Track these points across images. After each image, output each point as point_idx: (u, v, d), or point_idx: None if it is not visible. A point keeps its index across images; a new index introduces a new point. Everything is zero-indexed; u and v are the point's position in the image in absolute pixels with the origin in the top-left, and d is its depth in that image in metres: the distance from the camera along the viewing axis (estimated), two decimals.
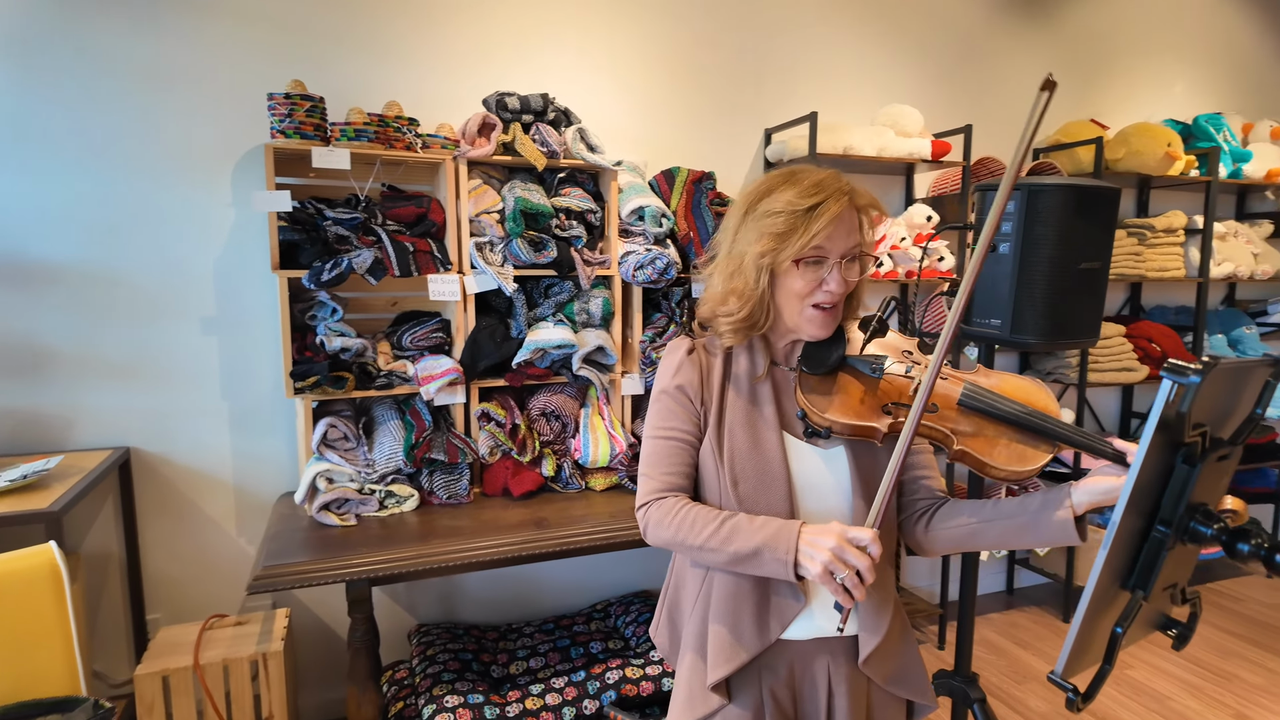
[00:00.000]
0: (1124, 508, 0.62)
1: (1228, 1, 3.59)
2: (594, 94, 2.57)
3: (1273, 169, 3.37)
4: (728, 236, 1.15)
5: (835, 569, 0.95)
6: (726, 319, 1.12)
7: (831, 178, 1.09)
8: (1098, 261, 1.58)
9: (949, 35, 3.05)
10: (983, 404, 1.06)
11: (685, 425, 1.14)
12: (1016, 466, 1.01)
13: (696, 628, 1.17)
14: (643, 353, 2.40)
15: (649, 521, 1.13)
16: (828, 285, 1.08)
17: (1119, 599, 0.70)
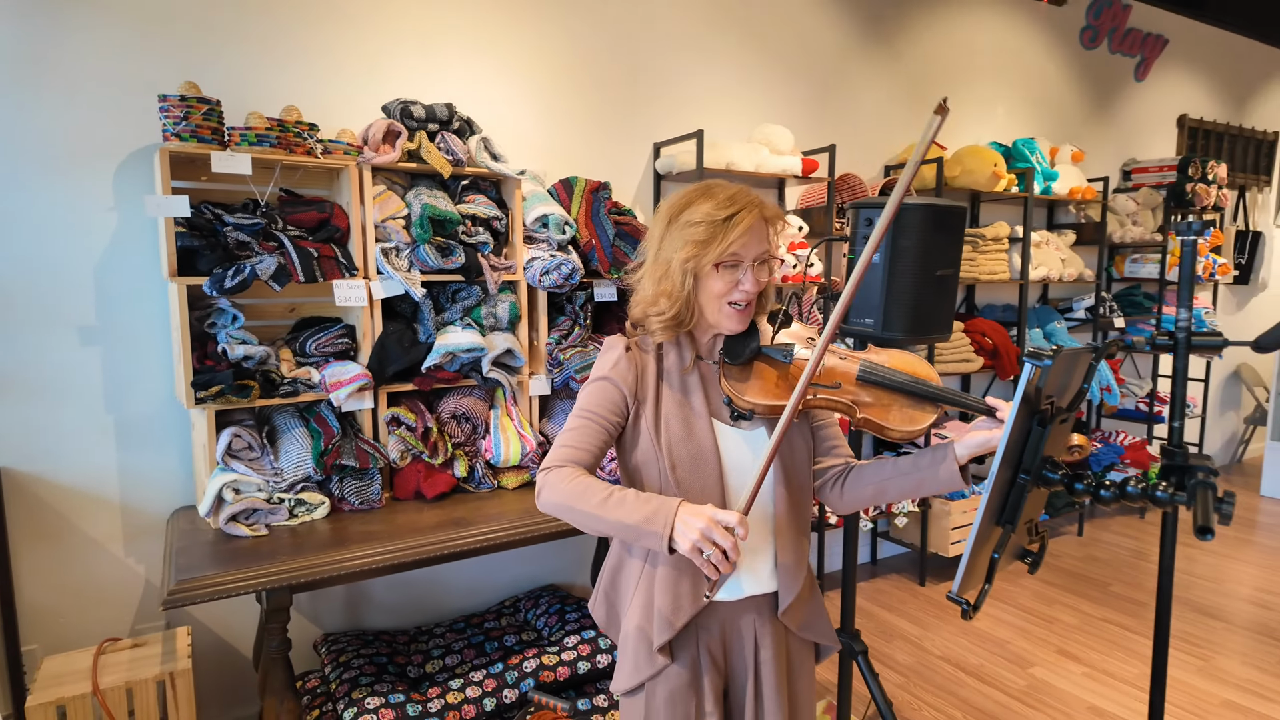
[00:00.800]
0: (999, 463, 0.82)
1: (1034, 41, 4.18)
2: (494, 103, 2.64)
3: (1074, 187, 3.97)
4: (653, 244, 1.27)
5: (703, 546, 1.05)
6: (658, 318, 1.24)
7: (743, 192, 1.24)
8: (950, 269, 1.86)
9: (814, 62, 3.37)
10: (877, 377, 1.24)
11: (607, 411, 1.24)
12: (910, 427, 1.20)
13: (642, 599, 1.28)
14: (549, 354, 2.50)
15: (545, 485, 1.18)
16: (743, 286, 1.21)
17: (994, 533, 0.91)
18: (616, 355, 1.28)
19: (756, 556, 1.29)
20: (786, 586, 1.30)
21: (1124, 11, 4.49)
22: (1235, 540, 4.19)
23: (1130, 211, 4.38)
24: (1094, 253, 4.46)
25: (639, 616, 1.28)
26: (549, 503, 1.18)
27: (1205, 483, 0.73)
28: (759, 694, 1.31)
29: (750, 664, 1.31)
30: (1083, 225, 4.28)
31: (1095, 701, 2.61)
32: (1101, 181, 4.14)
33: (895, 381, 1.22)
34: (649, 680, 1.27)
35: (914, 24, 3.68)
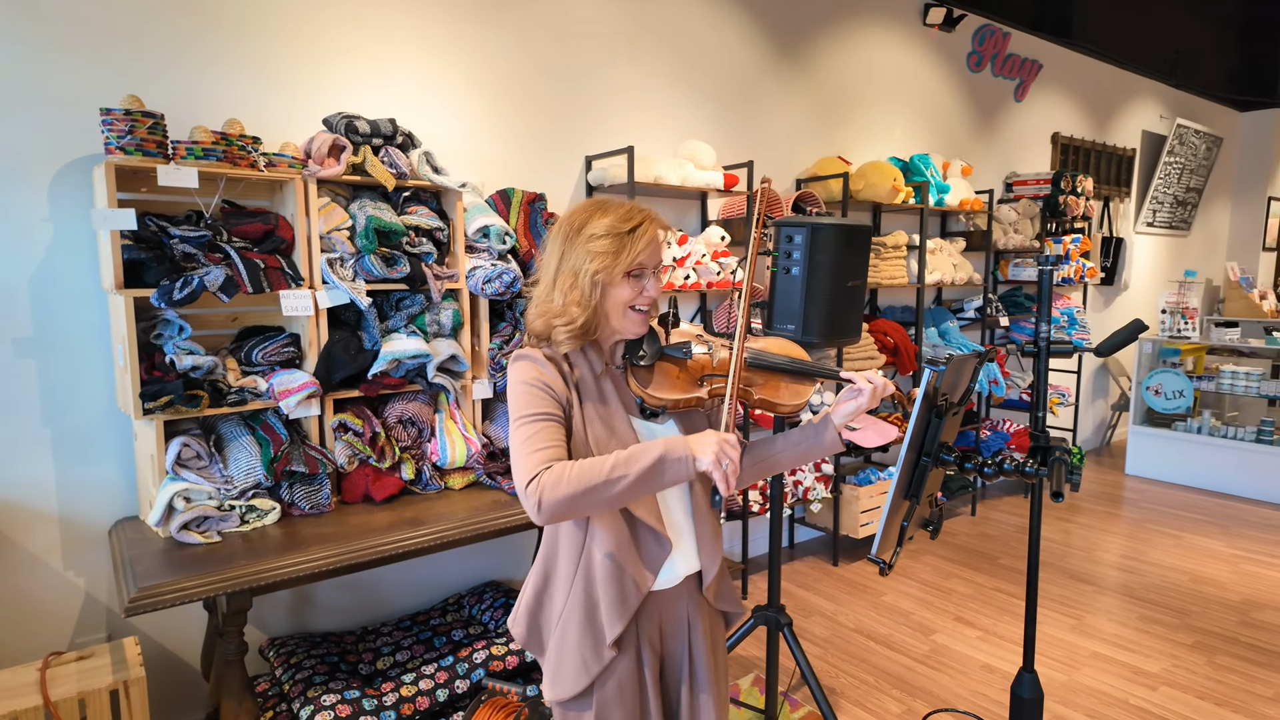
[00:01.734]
0: (906, 448, 1.03)
1: (927, 64, 4.56)
2: (433, 116, 2.73)
3: (964, 199, 4.37)
4: (553, 260, 1.32)
5: (721, 457, 1.14)
6: (566, 328, 1.27)
7: (636, 207, 1.33)
8: (859, 280, 2.11)
9: (732, 81, 3.60)
10: (763, 361, 1.41)
11: (553, 408, 1.27)
12: (797, 401, 1.37)
13: (579, 603, 1.33)
14: (491, 359, 2.62)
15: (543, 489, 1.16)
16: (647, 292, 1.30)
17: (903, 506, 1.11)
18: (535, 361, 1.30)
19: (682, 538, 1.39)
20: (709, 563, 1.40)
21: (1004, 39, 4.95)
22: (1104, 515, 4.71)
23: (1012, 220, 4.84)
24: (981, 258, 4.91)
25: (579, 619, 1.32)
26: (556, 502, 1.16)
27: (1060, 459, 0.96)
28: (693, 670, 1.43)
29: (685, 644, 1.42)
30: (971, 233, 4.70)
31: (988, 661, 2.94)
32: (987, 193, 4.57)
33: (778, 363, 1.39)
34: (599, 677, 1.32)
35: (821, 47, 3.97)
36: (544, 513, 1.16)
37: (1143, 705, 2.63)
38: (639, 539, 1.34)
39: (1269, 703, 2.65)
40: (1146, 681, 2.78)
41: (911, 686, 2.76)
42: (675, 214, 3.45)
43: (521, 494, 1.18)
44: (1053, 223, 5.04)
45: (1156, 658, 2.95)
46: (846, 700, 2.67)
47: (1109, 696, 2.69)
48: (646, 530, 1.33)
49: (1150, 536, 4.31)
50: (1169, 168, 6.69)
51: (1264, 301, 7.00)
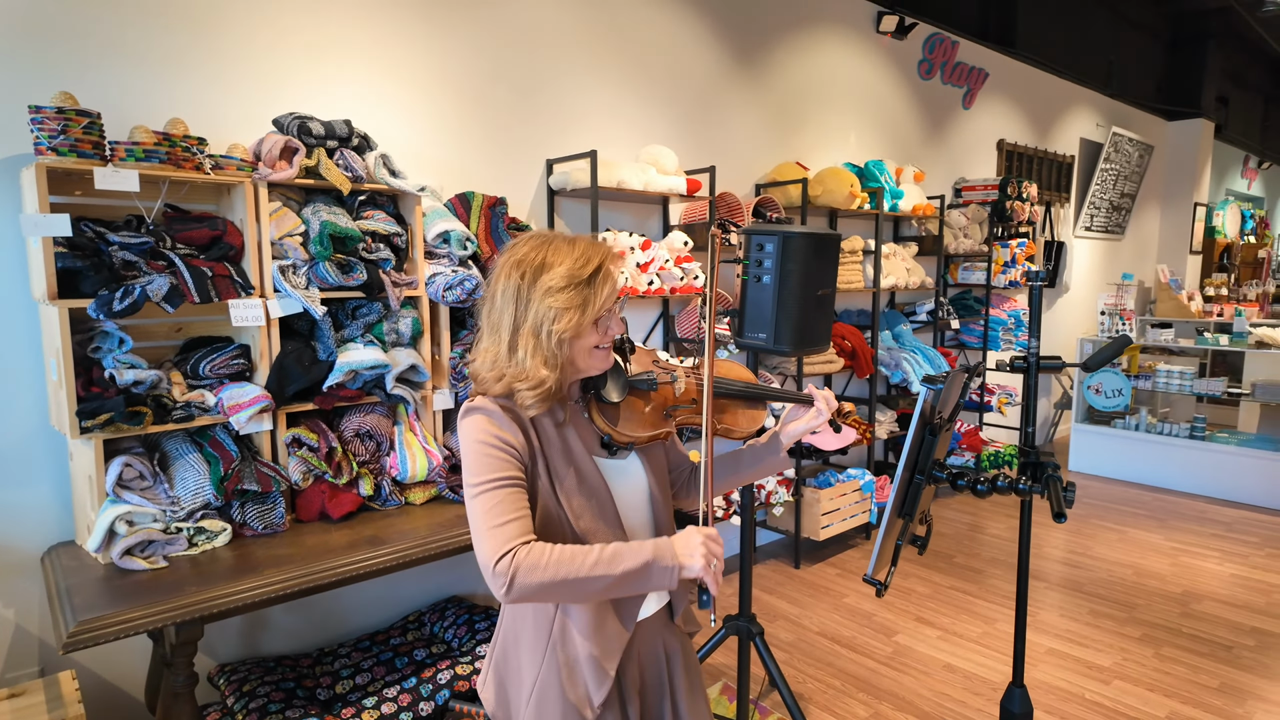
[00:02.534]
0: (902, 467, 1.01)
1: (880, 72, 4.63)
2: (389, 118, 2.64)
3: (917, 204, 4.45)
4: (506, 314, 1.19)
5: (710, 559, 1.11)
6: (534, 391, 1.17)
7: (590, 243, 1.23)
8: (829, 289, 2.10)
9: (692, 87, 3.58)
10: (723, 390, 1.39)
11: (514, 470, 1.17)
12: (753, 427, 1.38)
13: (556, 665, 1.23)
14: (453, 368, 2.54)
15: (517, 570, 1.08)
16: (613, 332, 1.24)
17: (897, 525, 1.10)
18: (492, 416, 1.19)
19: None
20: (679, 593, 1.36)
21: (953, 47, 5.07)
22: (1049, 510, 4.86)
23: (961, 226, 4.96)
24: (933, 262, 5.01)
25: (557, 683, 1.23)
26: (528, 588, 1.08)
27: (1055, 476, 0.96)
28: (674, 700, 1.38)
29: (664, 675, 1.37)
30: (923, 238, 4.80)
31: (949, 660, 2.98)
32: (938, 199, 4.66)
33: (735, 390, 1.39)
34: None
35: (778, 54, 3.99)
36: (513, 594, 1.08)
37: (1097, 699, 2.71)
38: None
39: (1214, 693, 2.75)
40: (1100, 676, 2.87)
41: (877, 689, 2.78)
42: (637, 219, 3.41)
43: (488, 571, 1.09)
44: (1000, 227, 5.18)
45: (1108, 652, 3.04)
46: (814, 706, 2.68)
47: (1065, 692, 2.76)
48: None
49: (1095, 532, 4.46)
50: (1105, 174, 6.95)
51: (1191, 302, 7.34)
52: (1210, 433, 5.31)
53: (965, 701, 2.70)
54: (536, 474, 1.21)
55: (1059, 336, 6.69)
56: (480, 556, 1.11)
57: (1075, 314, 6.90)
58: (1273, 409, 5.35)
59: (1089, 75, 6.46)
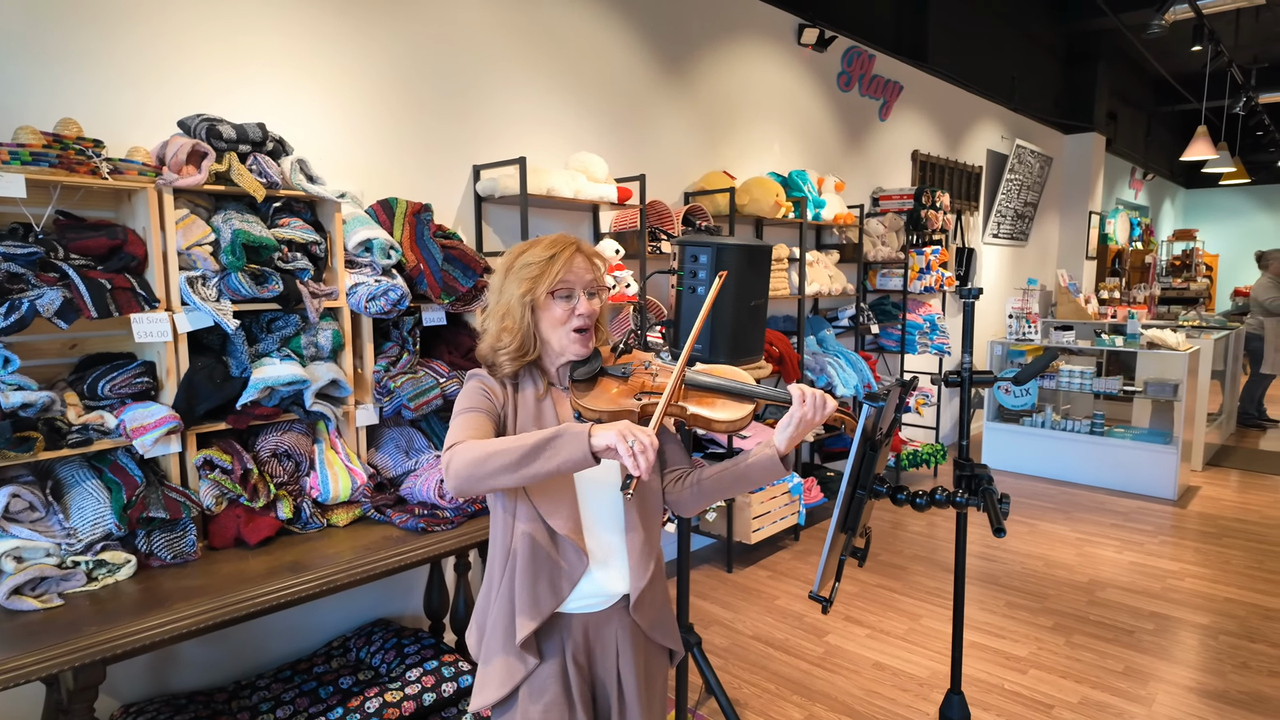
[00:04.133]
0: (845, 483, 1.02)
1: (802, 84, 4.74)
2: (306, 120, 2.52)
3: (838, 214, 4.57)
4: (495, 293, 1.47)
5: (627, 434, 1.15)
6: (504, 351, 1.42)
7: (563, 236, 1.48)
8: (762, 299, 2.13)
9: (622, 95, 3.57)
10: (701, 382, 1.43)
11: (488, 406, 1.40)
12: (732, 417, 1.37)
13: (503, 606, 1.40)
14: (377, 382, 2.44)
15: (452, 456, 1.26)
16: (579, 310, 1.42)
17: (840, 539, 1.11)
18: (483, 377, 1.46)
19: (613, 557, 1.42)
20: (637, 574, 1.42)
21: (870, 60, 5.24)
22: None
23: (880, 234, 5.12)
24: (854, 269, 5.16)
25: (503, 624, 1.40)
26: (460, 466, 1.23)
27: (990, 489, 0.98)
28: (623, 700, 1.43)
29: (614, 672, 1.43)
30: (844, 246, 4.93)
31: (877, 658, 3.07)
32: (858, 208, 4.81)
33: (714, 384, 1.42)
34: (522, 684, 1.37)
35: (705, 64, 4.02)
36: (450, 479, 1.26)
37: (1016, 689, 2.83)
38: (558, 548, 1.39)
39: (1120, 676, 2.92)
40: (1017, 666, 3.00)
41: (810, 691, 2.83)
42: (568, 226, 3.38)
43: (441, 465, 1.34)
44: (915, 235, 5.38)
45: (1023, 642, 3.19)
46: (750, 711, 2.70)
47: (986, 684, 2.87)
48: (565, 541, 1.37)
49: (1008, 526, 4.68)
50: (1010, 184, 7.33)
51: (1088, 305, 7.82)
52: (1108, 428, 5.67)
53: (894, 699, 2.78)
54: (505, 424, 1.41)
55: None
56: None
57: (986, 317, 7.24)
58: (1162, 405, 5.75)
59: (994, 90, 6.80)
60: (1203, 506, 5.05)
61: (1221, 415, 6.89)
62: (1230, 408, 7.09)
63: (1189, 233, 12.63)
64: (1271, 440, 6.96)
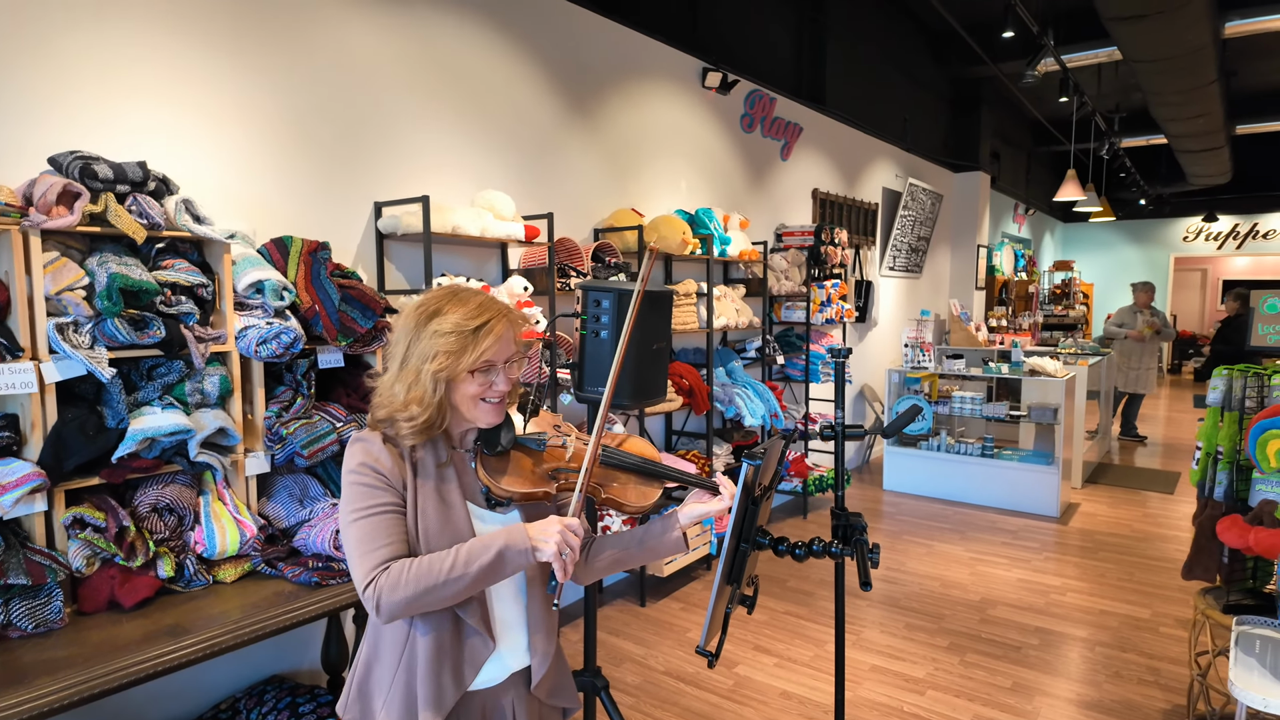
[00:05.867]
0: (729, 537, 1.05)
1: (707, 125, 4.90)
2: (193, 156, 2.42)
3: (743, 250, 4.72)
4: (400, 348, 1.29)
5: (563, 547, 1.17)
6: (408, 423, 1.26)
7: (490, 300, 1.32)
8: (664, 342, 2.17)
9: (530, 132, 3.60)
10: (615, 460, 1.41)
11: (389, 498, 1.25)
12: (643, 503, 1.39)
13: (401, 691, 1.29)
14: (268, 429, 2.34)
15: (382, 591, 1.16)
16: (497, 387, 1.30)
17: (726, 591, 1.14)
18: (373, 447, 1.28)
19: (511, 631, 1.36)
20: (539, 661, 1.38)
21: (771, 103, 5.47)
22: (868, 530, 5.27)
23: (783, 269, 5.32)
24: (759, 302, 5.33)
25: (399, 707, 1.29)
26: (394, 605, 1.16)
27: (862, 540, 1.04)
28: None
29: None
30: (750, 280, 5.09)
31: (785, 687, 3.13)
32: (762, 244, 4.98)
33: (630, 463, 1.40)
34: None
35: (612, 104, 4.11)
36: (383, 615, 1.16)
37: (915, 711, 2.94)
38: (463, 635, 1.30)
39: (1008, 693, 3.08)
40: (915, 687, 3.12)
41: None
42: (475, 263, 3.36)
43: (361, 596, 1.17)
44: (816, 269, 5.61)
45: (921, 663, 3.32)
46: None
47: (886, 707, 2.97)
48: (471, 629, 1.30)
49: (907, 547, 4.88)
50: (904, 220, 7.75)
51: (979, 332, 8.32)
52: (998, 450, 6.02)
53: None
54: (405, 507, 1.27)
55: (870, 367, 7.32)
56: (355, 585, 1.19)
57: (884, 346, 7.59)
58: (1044, 428, 6.15)
59: (889, 131, 7.20)
60: (1082, 523, 5.42)
61: (1098, 433, 7.43)
62: (1105, 426, 7.65)
63: (1067, 263, 13.65)
64: (1144, 456, 7.55)
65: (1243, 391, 2.59)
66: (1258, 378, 2.58)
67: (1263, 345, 2.65)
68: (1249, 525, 2.46)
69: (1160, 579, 4.29)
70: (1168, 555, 4.68)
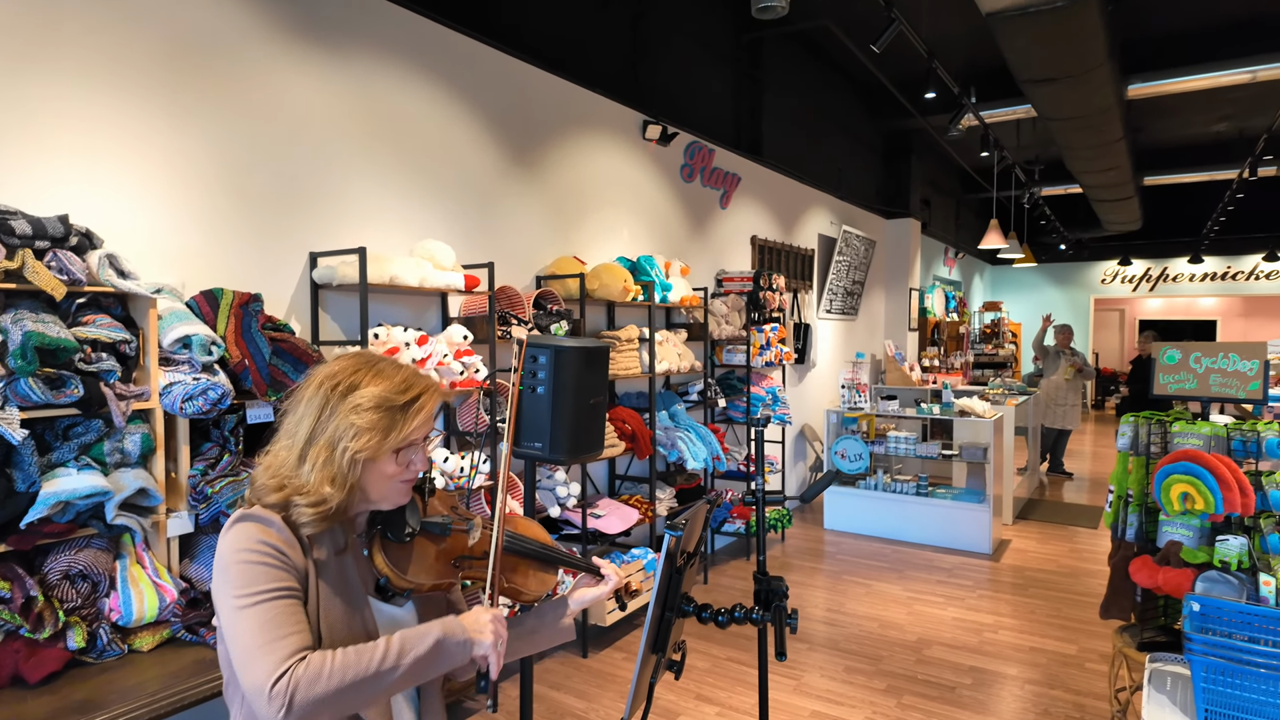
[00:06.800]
0: (652, 606, 1.07)
1: (648, 174, 5.02)
2: (118, 208, 2.37)
3: (684, 296, 4.81)
4: (305, 424, 1.15)
5: (498, 639, 1.12)
6: (315, 509, 1.11)
7: (415, 373, 1.22)
8: (601, 397, 2.20)
9: (470, 182, 3.63)
10: (518, 547, 1.36)
11: (291, 582, 1.09)
12: (543, 590, 1.36)
13: None
14: (193, 487, 2.27)
15: (298, 685, 1.00)
16: (415, 466, 1.20)
17: (651, 660, 1.15)
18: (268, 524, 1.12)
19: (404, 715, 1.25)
20: None
21: (710, 154, 5.63)
22: (810, 570, 5.33)
23: (723, 313, 5.43)
24: (700, 346, 5.42)
25: None
26: (311, 702, 0.99)
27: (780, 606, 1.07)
28: None
29: None
30: (691, 325, 5.18)
31: None
32: (702, 290, 5.09)
33: (530, 550, 1.36)
34: None
35: (554, 155, 4.18)
36: (294, 714, 0.98)
37: None
38: None
39: None
40: None
41: None
42: (414, 312, 3.34)
43: (262, 695, 0.98)
44: (755, 313, 5.75)
45: (860, 707, 3.36)
46: None
47: None
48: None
49: (847, 588, 4.95)
50: (839, 265, 8.02)
51: (913, 372, 8.59)
52: (932, 489, 6.19)
53: None
54: (305, 599, 1.11)
55: (809, 408, 7.48)
56: (252, 681, 0.99)
57: (822, 387, 7.77)
58: (976, 466, 6.36)
59: (823, 180, 7.48)
60: (1013, 559, 5.59)
61: (1028, 469, 7.71)
62: (1034, 463, 7.95)
63: (996, 304, 14.27)
64: (1071, 491, 7.86)
65: (1148, 437, 2.75)
66: (1160, 424, 2.74)
67: (1164, 394, 2.82)
68: (1158, 566, 2.59)
69: (1086, 614, 4.45)
70: (1093, 590, 4.86)
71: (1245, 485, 2.38)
